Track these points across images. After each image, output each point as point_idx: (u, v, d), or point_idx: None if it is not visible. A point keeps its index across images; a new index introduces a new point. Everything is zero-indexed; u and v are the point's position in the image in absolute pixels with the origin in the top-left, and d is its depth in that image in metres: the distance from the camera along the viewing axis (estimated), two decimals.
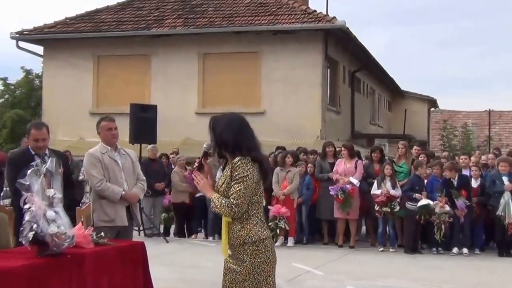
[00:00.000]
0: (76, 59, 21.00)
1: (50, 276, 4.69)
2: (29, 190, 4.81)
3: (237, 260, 4.31)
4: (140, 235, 13.11)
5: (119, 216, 6.83)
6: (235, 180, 4.27)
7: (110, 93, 20.78)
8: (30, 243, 4.71)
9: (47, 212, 4.75)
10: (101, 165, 6.85)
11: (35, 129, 6.63)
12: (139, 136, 13.33)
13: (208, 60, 20.37)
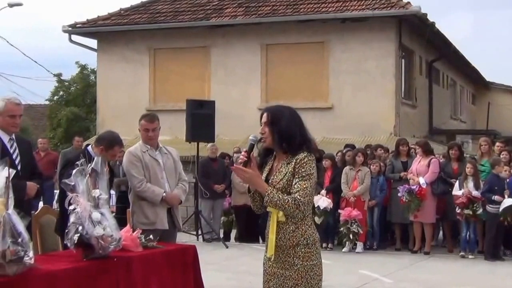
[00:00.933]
0: (131, 53, 21.45)
1: (96, 280, 4.89)
2: (74, 190, 5.03)
3: (284, 263, 4.36)
4: (198, 239, 13.36)
5: (160, 218, 7.00)
6: (301, 177, 4.32)
7: (167, 88, 21.14)
8: (75, 246, 4.92)
9: (92, 214, 4.95)
10: (142, 164, 7.03)
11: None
12: (196, 134, 13.56)
13: (271, 52, 20.49)
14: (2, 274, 4.18)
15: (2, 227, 4.21)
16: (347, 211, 12.26)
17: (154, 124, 7.06)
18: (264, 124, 4.50)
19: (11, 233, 4.24)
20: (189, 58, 20.91)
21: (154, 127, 7.04)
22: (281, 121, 4.43)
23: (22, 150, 6.36)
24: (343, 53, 19.80)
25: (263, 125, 4.51)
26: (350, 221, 12.20)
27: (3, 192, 4.34)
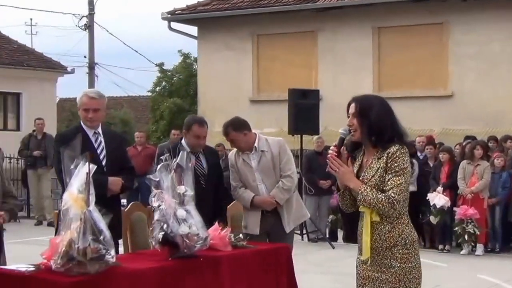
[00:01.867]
0: (234, 40, 21.73)
1: (181, 281, 5.07)
2: (158, 187, 5.22)
3: (380, 266, 4.37)
4: (303, 239, 13.46)
5: (250, 224, 7.10)
6: (394, 172, 4.32)
7: (271, 77, 21.30)
8: (160, 244, 5.11)
9: (177, 211, 5.13)
10: (235, 169, 7.18)
11: (199, 126, 6.99)
12: (299, 126, 13.65)
13: (383, 35, 20.31)
14: (84, 272, 4.39)
15: (83, 224, 4.43)
16: (463, 210, 12.05)
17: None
18: (352, 115, 4.48)
19: (92, 230, 4.44)
20: (295, 44, 20.98)
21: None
22: (371, 112, 4.41)
23: (109, 144, 6.56)
24: (465, 35, 19.34)
25: (351, 117, 4.49)
26: (465, 220, 11.98)
27: (83, 188, 4.56)
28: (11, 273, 4.61)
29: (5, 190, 5.89)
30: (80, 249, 4.36)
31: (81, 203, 4.50)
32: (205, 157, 7.10)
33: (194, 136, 6.93)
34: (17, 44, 28.33)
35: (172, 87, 41.07)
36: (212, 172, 7.08)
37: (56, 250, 4.44)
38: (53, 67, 28.15)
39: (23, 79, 26.64)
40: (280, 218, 7.12)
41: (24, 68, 26.82)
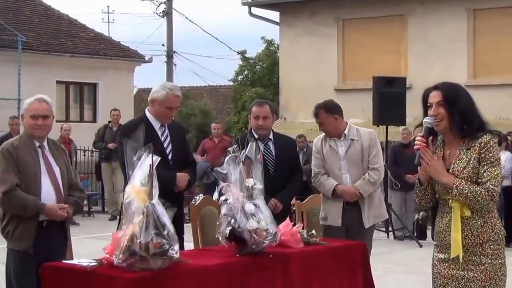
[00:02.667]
0: (317, 25, 21.68)
1: (250, 277, 5.13)
2: (226, 179, 5.27)
3: (467, 264, 4.35)
4: (389, 237, 13.38)
5: (331, 214, 7.07)
6: (489, 162, 4.34)
7: (357, 64, 21.16)
8: (227, 240, 5.17)
9: (245, 205, 5.18)
10: (321, 155, 7.18)
11: (257, 106, 7.17)
12: (384, 116, 13.55)
13: (479, 18, 19.89)
14: (146, 268, 4.49)
15: (145, 218, 4.52)
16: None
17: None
18: (437, 104, 4.46)
19: (155, 224, 4.54)
20: (383, 29, 20.79)
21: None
22: (459, 99, 4.42)
23: (175, 137, 6.68)
24: None
25: (435, 106, 4.46)
26: None
27: (146, 180, 4.65)
28: (73, 267, 4.76)
29: (71, 183, 6.05)
30: (142, 244, 4.46)
31: (144, 196, 4.60)
32: (275, 145, 7.17)
33: (254, 118, 7.06)
34: (94, 33, 28.87)
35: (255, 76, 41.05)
36: (282, 160, 7.11)
37: (118, 245, 4.55)
38: (130, 56, 28.60)
39: (100, 69, 27.16)
40: (360, 213, 7.09)
41: (101, 58, 27.34)
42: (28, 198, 5.62)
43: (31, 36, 25.84)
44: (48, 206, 5.74)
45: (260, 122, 7.03)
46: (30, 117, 5.84)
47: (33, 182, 5.74)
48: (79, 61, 26.55)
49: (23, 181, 5.64)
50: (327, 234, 6.82)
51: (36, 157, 5.85)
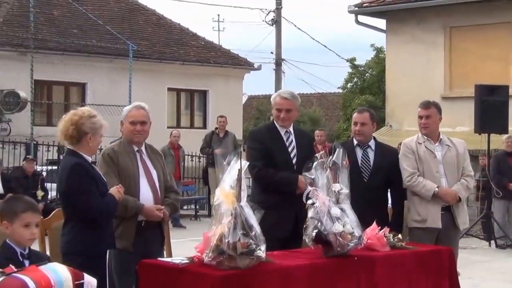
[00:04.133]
0: (423, 33, 21.50)
1: (334, 279, 5.29)
2: (313, 184, 5.47)
3: None
4: (490, 245, 13.23)
5: (431, 216, 7.10)
6: None
7: (465, 72, 20.86)
8: (313, 242, 5.36)
9: (331, 209, 5.36)
10: (415, 156, 7.25)
11: (358, 113, 7.37)
12: (486, 124, 13.43)
13: None
14: (234, 266, 4.73)
15: (233, 219, 4.77)
16: None
17: (428, 111, 7.25)
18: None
19: (242, 225, 4.77)
20: (490, 37, 20.43)
21: (428, 114, 7.21)
22: None
23: (300, 143, 6.89)
24: None
25: None
26: None
27: (235, 184, 4.90)
28: (166, 265, 5.06)
29: (167, 185, 6.38)
30: (230, 244, 4.70)
31: (232, 199, 4.84)
32: (375, 152, 7.27)
33: (353, 124, 7.26)
34: (204, 41, 29.49)
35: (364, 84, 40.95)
36: (379, 169, 7.18)
37: (208, 244, 4.81)
38: (239, 64, 29.10)
39: (210, 77, 27.74)
40: (451, 217, 7.15)
41: (211, 65, 27.93)
42: (128, 199, 5.95)
43: (144, 45, 26.65)
44: (146, 207, 6.08)
45: (358, 128, 7.20)
46: (129, 123, 6.20)
47: (132, 185, 6.08)
48: (190, 68, 27.19)
49: (123, 183, 5.92)
50: (416, 236, 6.90)
51: (135, 161, 6.20)
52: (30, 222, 4.43)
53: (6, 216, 4.47)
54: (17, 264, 4.11)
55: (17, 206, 4.48)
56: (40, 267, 3.98)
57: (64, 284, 3.93)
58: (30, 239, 4.45)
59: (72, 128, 5.59)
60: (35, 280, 3.82)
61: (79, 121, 5.61)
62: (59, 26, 25.41)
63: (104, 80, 24.48)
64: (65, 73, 24.28)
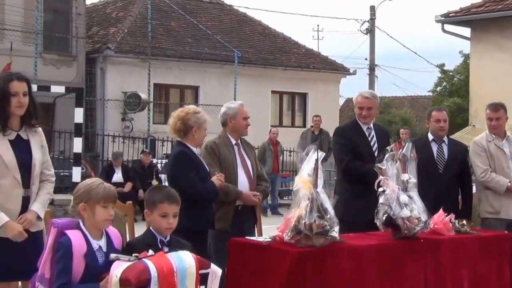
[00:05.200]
0: (507, 41, 21.06)
1: (402, 259, 5.34)
2: (384, 174, 5.55)
3: None
4: None
5: (504, 208, 7.05)
6: None
7: None
8: (383, 225, 5.44)
9: (400, 196, 5.43)
10: (486, 154, 7.21)
11: (437, 111, 7.38)
12: None
13: None
14: (310, 244, 4.86)
15: (310, 203, 4.90)
16: None
17: (497, 113, 7.22)
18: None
19: (318, 209, 4.90)
20: None
21: (498, 116, 7.18)
22: None
23: (380, 138, 6.93)
24: None
25: None
26: None
27: (312, 172, 5.03)
28: (252, 242, 5.23)
29: (258, 173, 6.57)
30: (307, 224, 4.83)
31: (309, 185, 4.97)
32: (449, 147, 7.26)
33: (435, 121, 7.20)
34: (305, 49, 29.66)
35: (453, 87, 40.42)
36: (452, 162, 7.16)
37: (288, 225, 4.96)
38: (336, 69, 29.14)
39: (309, 81, 27.88)
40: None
41: (311, 70, 28.06)
42: (228, 186, 6.17)
43: (251, 52, 27.00)
44: (245, 193, 6.30)
45: (441, 125, 7.20)
46: (242, 118, 6.42)
47: (231, 173, 6.30)
48: (292, 73, 27.38)
49: (223, 172, 6.14)
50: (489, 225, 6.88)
51: (233, 152, 6.41)
52: (167, 213, 4.33)
53: (147, 205, 4.43)
54: (155, 250, 4.06)
55: (156, 197, 4.41)
56: (167, 254, 3.95)
57: (187, 271, 3.86)
58: (167, 228, 4.34)
59: (179, 123, 5.89)
60: (157, 265, 3.79)
61: (185, 116, 5.90)
62: (176, 36, 26.01)
63: (215, 83, 24.94)
64: (180, 77, 24.87)
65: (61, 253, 3.93)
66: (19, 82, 4.82)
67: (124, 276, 3.76)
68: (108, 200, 4.13)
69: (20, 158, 4.80)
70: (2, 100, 4.78)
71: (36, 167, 4.88)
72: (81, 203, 4.08)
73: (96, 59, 24.15)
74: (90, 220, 4.09)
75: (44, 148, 5.05)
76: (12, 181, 4.77)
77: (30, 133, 4.95)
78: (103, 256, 4.05)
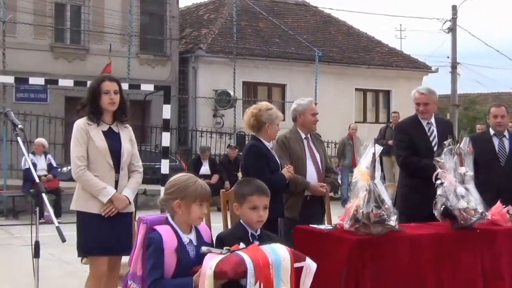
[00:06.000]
0: None
1: (458, 247, 5.35)
2: (442, 167, 5.59)
3: None
4: None
5: None
6: None
7: None
8: (441, 216, 5.48)
9: (457, 188, 5.45)
10: None
11: (495, 107, 7.35)
12: None
13: None
14: (368, 232, 4.94)
15: (367, 194, 5.00)
16: None
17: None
18: None
19: (375, 199, 4.99)
20: None
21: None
22: None
23: (441, 132, 6.85)
24: None
25: None
26: None
27: (370, 165, 5.13)
28: (315, 229, 5.33)
29: (327, 166, 6.69)
30: (364, 213, 4.92)
31: (367, 177, 5.07)
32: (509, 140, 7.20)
33: (493, 116, 7.21)
34: (388, 48, 29.43)
35: None
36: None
37: (348, 214, 5.07)
38: (419, 67, 28.79)
39: (392, 78, 27.67)
40: None
41: (393, 68, 27.84)
42: (297, 177, 6.31)
43: (335, 51, 27.03)
44: (312, 184, 6.42)
45: (499, 120, 7.17)
46: (311, 115, 6.55)
47: (300, 165, 6.43)
48: (375, 71, 27.25)
49: (293, 164, 6.30)
50: None
51: (303, 146, 6.55)
52: (257, 205, 4.08)
53: (236, 198, 4.22)
54: (247, 243, 3.86)
55: (245, 189, 4.16)
56: (261, 246, 3.76)
57: (281, 264, 3.66)
58: (258, 221, 4.09)
59: (253, 119, 6.07)
60: (252, 258, 3.60)
61: (258, 113, 6.07)
62: (263, 36, 26.24)
63: (301, 81, 25.01)
64: (268, 75, 25.08)
65: (152, 248, 3.75)
66: (110, 82, 5.35)
67: (220, 269, 3.57)
68: (204, 199, 3.93)
69: (111, 146, 5.27)
70: (95, 98, 5.30)
71: (124, 155, 5.34)
72: (177, 200, 3.88)
73: (188, 58, 24.64)
74: (184, 217, 3.91)
75: (133, 142, 5.52)
76: (105, 165, 5.26)
77: (120, 128, 5.45)
78: (194, 249, 3.88)
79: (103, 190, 5.17)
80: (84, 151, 5.20)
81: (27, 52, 21.37)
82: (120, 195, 5.26)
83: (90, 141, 5.22)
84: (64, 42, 23.34)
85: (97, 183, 5.18)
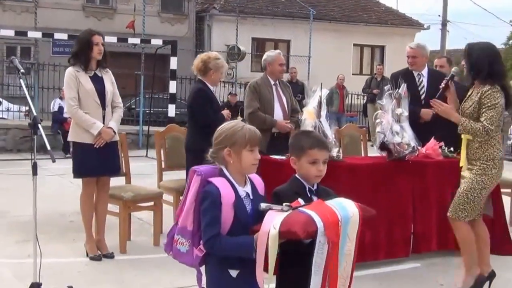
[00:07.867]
0: None
1: (392, 176, 5.69)
2: (383, 108, 5.89)
3: (466, 170, 4.93)
4: None
5: None
6: (486, 107, 4.71)
7: None
8: (379, 149, 5.81)
9: (393, 126, 5.76)
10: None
11: None
12: None
13: None
14: None
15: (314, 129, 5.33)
16: None
17: None
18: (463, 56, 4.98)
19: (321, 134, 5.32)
20: None
21: None
22: (473, 54, 4.82)
23: (432, 82, 6.72)
24: None
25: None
26: None
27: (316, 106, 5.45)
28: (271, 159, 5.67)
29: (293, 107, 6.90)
30: None
31: (313, 116, 5.41)
32: None
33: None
34: (385, 7, 29.30)
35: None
36: None
37: None
38: (412, 25, 28.66)
39: (387, 35, 27.61)
40: None
41: (388, 26, 27.76)
42: (266, 117, 6.59)
43: (336, 10, 27.00)
44: (279, 122, 6.64)
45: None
46: (278, 65, 6.78)
47: (269, 107, 6.68)
48: (372, 29, 27.23)
49: (262, 106, 6.61)
50: None
51: (271, 91, 6.79)
52: (317, 159, 3.35)
53: (293, 151, 3.46)
54: (304, 199, 3.23)
55: (305, 142, 3.42)
56: (327, 202, 3.11)
57: (350, 220, 3.05)
58: (317, 176, 3.37)
59: (201, 64, 6.26)
60: (320, 215, 2.96)
61: (207, 60, 6.27)
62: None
63: (304, 37, 25.09)
64: (274, 32, 25.18)
65: (208, 203, 3.13)
66: (98, 36, 5.76)
67: (287, 229, 2.92)
68: (254, 143, 3.24)
69: (97, 88, 5.71)
70: (87, 48, 5.70)
71: (108, 94, 5.77)
72: (226, 148, 3.20)
73: (204, 17, 24.83)
74: (236, 166, 3.21)
75: (114, 84, 5.94)
76: (93, 103, 5.70)
77: (103, 73, 5.86)
78: (250, 203, 3.21)
79: (93, 125, 5.63)
80: (76, 93, 5.63)
81: (62, 11, 21.72)
82: (107, 128, 5.70)
83: (80, 85, 5.65)
84: (95, 2, 23.68)
85: (88, 119, 5.63)
